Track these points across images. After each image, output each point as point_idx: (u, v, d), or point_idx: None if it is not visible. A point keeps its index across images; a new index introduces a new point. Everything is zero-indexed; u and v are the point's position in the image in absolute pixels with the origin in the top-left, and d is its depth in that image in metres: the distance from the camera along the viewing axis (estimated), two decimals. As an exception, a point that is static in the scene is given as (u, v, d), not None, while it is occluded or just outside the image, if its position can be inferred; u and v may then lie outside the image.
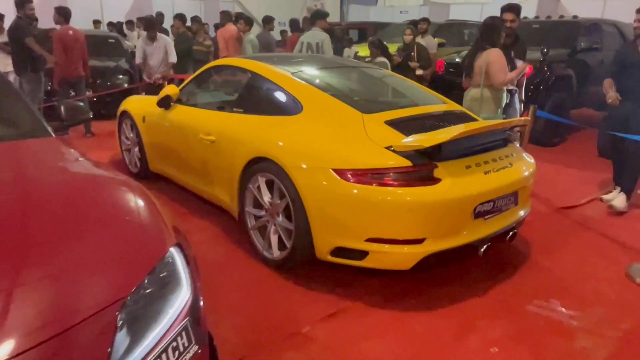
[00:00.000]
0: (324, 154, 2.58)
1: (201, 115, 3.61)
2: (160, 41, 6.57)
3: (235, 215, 3.20)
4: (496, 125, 2.78)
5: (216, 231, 3.45)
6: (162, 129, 4.00)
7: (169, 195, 4.16)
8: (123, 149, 4.83)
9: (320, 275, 2.83)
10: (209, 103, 3.82)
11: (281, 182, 2.71)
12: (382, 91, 3.58)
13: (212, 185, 3.47)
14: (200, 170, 3.57)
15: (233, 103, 3.47)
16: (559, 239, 3.47)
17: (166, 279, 1.60)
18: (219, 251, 3.17)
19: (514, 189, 2.75)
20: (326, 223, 2.54)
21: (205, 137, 3.37)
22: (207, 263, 2.99)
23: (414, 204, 2.36)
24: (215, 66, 3.84)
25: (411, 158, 2.44)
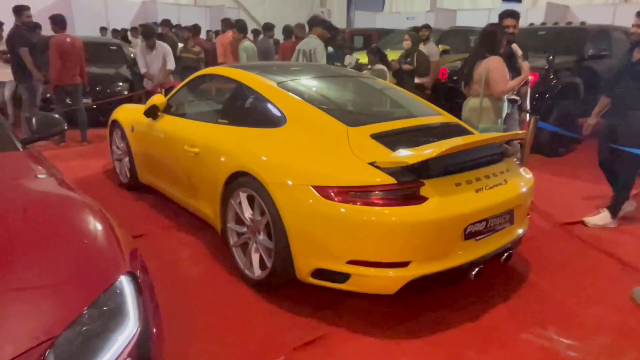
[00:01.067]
0: (305, 170, 2.46)
1: (186, 126, 3.52)
2: (159, 49, 6.50)
3: (219, 230, 3.08)
4: (490, 140, 2.63)
5: (200, 247, 3.35)
6: (150, 140, 3.92)
7: (157, 208, 4.07)
8: (114, 159, 4.77)
9: (303, 296, 2.71)
10: (195, 113, 3.73)
11: (261, 198, 2.60)
12: (373, 102, 3.46)
13: (197, 199, 3.38)
14: (185, 183, 3.48)
15: (218, 114, 3.37)
16: (560, 258, 3.29)
17: (111, 311, 1.45)
18: (201, 269, 3.06)
19: (508, 207, 2.61)
20: (306, 243, 2.42)
21: (190, 149, 3.27)
22: (187, 281, 2.88)
23: (398, 225, 2.23)
24: (203, 75, 3.74)
25: (396, 175, 2.31)
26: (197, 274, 2.99)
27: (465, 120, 4.21)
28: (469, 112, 4.17)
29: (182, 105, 3.86)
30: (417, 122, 2.94)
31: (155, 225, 3.72)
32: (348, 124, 2.68)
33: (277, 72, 3.48)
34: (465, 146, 2.44)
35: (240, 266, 2.90)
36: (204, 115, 3.63)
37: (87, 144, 6.40)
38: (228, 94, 3.41)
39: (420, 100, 3.47)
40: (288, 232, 2.46)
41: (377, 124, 2.76)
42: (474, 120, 4.10)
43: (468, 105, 4.20)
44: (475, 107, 4.09)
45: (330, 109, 2.91)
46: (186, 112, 3.81)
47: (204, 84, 3.85)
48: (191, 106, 3.84)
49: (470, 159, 2.56)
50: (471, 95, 4.19)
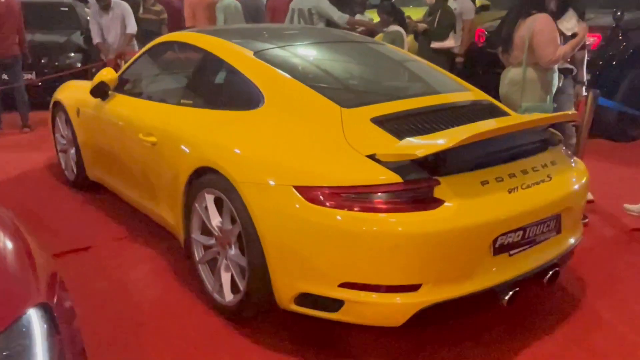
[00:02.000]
0: (285, 165, 2.41)
1: (142, 109, 3.50)
2: (116, 10, 6.45)
3: (182, 242, 3.04)
4: (529, 123, 2.55)
5: (160, 264, 3.32)
6: (98, 126, 3.91)
7: (110, 212, 4.06)
8: (58, 150, 4.78)
9: (286, 328, 2.66)
10: (152, 92, 3.71)
11: (231, 202, 2.55)
12: (380, 76, 3.38)
13: (155, 202, 3.35)
14: (141, 182, 3.45)
15: (181, 93, 3.34)
16: (627, 276, 3.18)
17: (11, 357, 1.39)
18: (158, 292, 3.03)
19: (554, 211, 2.53)
20: (287, 260, 2.37)
21: (145, 138, 3.25)
22: (138, 309, 2.85)
23: (405, 237, 2.16)
24: (162, 43, 3.68)
25: (402, 172, 2.24)
26: (153, 299, 2.95)
27: (503, 97, 4.10)
28: (509, 86, 4.06)
29: (138, 82, 3.84)
30: (435, 100, 2.86)
31: (106, 234, 3.70)
32: (343, 105, 2.62)
33: (257, 38, 3.43)
34: (494, 132, 2.35)
35: (207, 289, 2.85)
36: (163, 94, 3.59)
37: (28, 131, 6.41)
38: (193, 67, 3.34)
39: (441, 73, 3.39)
40: (264, 245, 2.40)
41: (382, 104, 2.69)
42: (514, 96, 3.99)
43: (507, 77, 4.09)
44: (517, 80, 3.99)
45: (321, 86, 2.85)
46: (142, 90, 3.79)
47: (164, 55, 3.79)
48: (148, 83, 3.81)
49: (503, 149, 2.48)
50: (511, 65, 4.08)
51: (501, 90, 4.16)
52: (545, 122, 2.70)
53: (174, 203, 3.05)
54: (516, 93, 4.02)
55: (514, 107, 3.99)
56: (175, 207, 3.06)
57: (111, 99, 3.81)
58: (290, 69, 2.95)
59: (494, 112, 2.94)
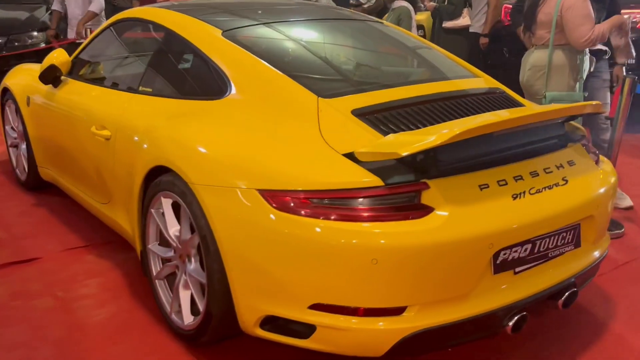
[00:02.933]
0: (248, 166, 2.38)
1: (96, 98, 3.51)
2: None
3: (138, 253, 3.04)
4: (540, 116, 2.49)
5: (114, 278, 3.31)
6: (49, 117, 3.91)
7: (64, 218, 4.06)
8: (8, 145, 4.80)
9: (258, 356, 2.63)
10: (109, 78, 3.70)
11: (188, 207, 2.52)
12: (370, 60, 3.35)
13: (110, 207, 3.35)
14: (95, 183, 3.46)
15: (140, 79, 3.30)
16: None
17: None
18: (109, 312, 3.01)
19: (571, 220, 2.49)
20: (250, 277, 2.34)
21: (98, 132, 3.26)
22: (84, 332, 2.82)
23: (384, 251, 2.11)
24: (121, 20, 3.68)
25: (383, 173, 2.20)
26: (102, 321, 2.93)
27: (524, 85, 4.05)
28: (531, 72, 4.01)
29: (93, 66, 3.82)
30: (433, 89, 2.81)
31: (56, 244, 3.71)
32: (321, 94, 2.59)
33: (235, 14, 3.41)
34: (497, 126, 2.29)
35: (165, 309, 2.83)
36: (120, 80, 3.58)
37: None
38: (154, 49, 3.32)
39: (446, 56, 3.34)
40: (225, 259, 2.37)
41: (367, 94, 2.66)
42: (537, 84, 3.94)
43: (529, 60, 4.04)
44: (540, 64, 3.94)
45: (299, 71, 2.82)
46: (98, 76, 3.78)
47: (124, 34, 3.77)
48: (105, 67, 3.79)
49: (508, 146, 2.43)
50: (534, 46, 4.02)
51: (522, 77, 4.11)
52: (563, 114, 2.63)
53: (130, 207, 3.04)
54: (539, 80, 3.98)
55: (536, 97, 3.95)
56: (131, 212, 3.05)
57: (63, 85, 3.82)
58: (263, 52, 2.93)
59: (505, 102, 2.89)
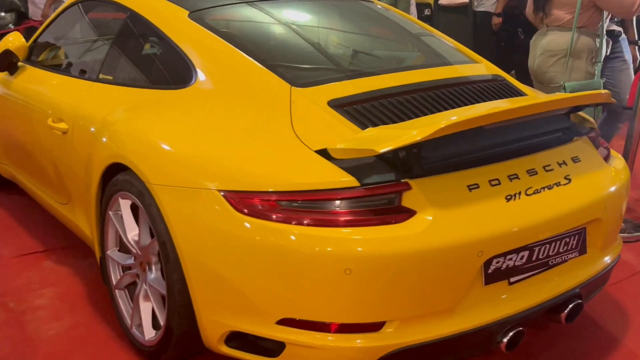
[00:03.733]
0: (211, 164, 2.35)
1: (53, 87, 3.48)
2: None
3: (97, 259, 3.03)
4: (541, 106, 2.42)
5: (72, 288, 3.30)
6: (4, 108, 3.91)
7: (20, 219, 4.05)
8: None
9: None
10: (68, 65, 3.67)
11: (146, 210, 2.50)
12: (355, 45, 3.29)
13: (70, 207, 3.34)
14: (54, 181, 3.45)
15: (100, 65, 3.28)
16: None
17: None
18: (64, 326, 2.98)
19: (575, 224, 2.46)
20: (213, 289, 2.31)
21: (55, 125, 3.23)
22: (39, 348, 2.80)
23: (360, 260, 2.08)
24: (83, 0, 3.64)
25: (360, 172, 2.16)
26: (56, 335, 2.90)
27: (535, 69, 4.00)
28: (544, 56, 3.95)
29: (53, 52, 3.80)
30: (424, 76, 2.78)
31: (11, 248, 3.68)
32: (295, 83, 2.56)
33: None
34: (490, 119, 2.22)
35: (125, 322, 2.82)
36: (80, 67, 3.56)
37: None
38: (116, 32, 3.29)
39: (443, 40, 3.31)
40: (185, 269, 2.34)
41: (347, 82, 2.63)
42: (551, 71, 3.88)
43: (540, 44, 3.97)
44: (555, 48, 3.88)
45: (273, 58, 2.80)
46: (57, 62, 3.77)
47: (86, 15, 3.75)
48: (65, 53, 3.76)
49: (503, 141, 2.40)
50: (549, 27, 3.95)
51: (531, 63, 4.06)
52: (569, 104, 2.58)
53: (88, 210, 3.03)
54: (554, 67, 3.92)
55: (550, 86, 3.90)
56: (89, 215, 3.04)
57: (20, 72, 3.79)
58: (233, 35, 2.91)
59: (504, 91, 2.85)
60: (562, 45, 3.86)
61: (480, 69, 3.03)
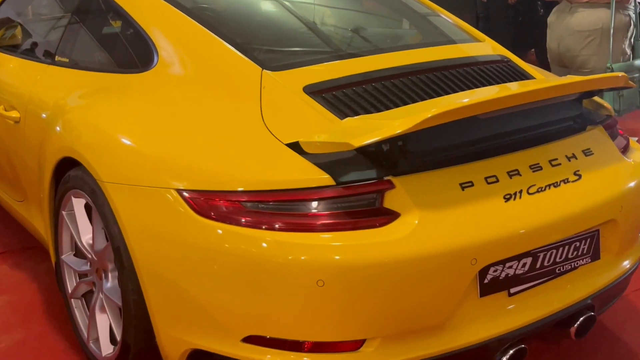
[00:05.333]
0: (168, 160, 2.27)
1: (5, 71, 3.45)
2: None
3: (53, 264, 2.98)
4: (550, 91, 2.32)
5: (26, 295, 3.25)
6: None
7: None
8: None
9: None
10: (24, 45, 3.60)
11: (99, 210, 2.44)
12: (341, 22, 3.22)
13: (25, 205, 3.31)
14: (8, 176, 3.43)
15: (55, 46, 3.23)
16: None
17: None
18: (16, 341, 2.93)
19: (586, 226, 2.37)
20: (172, 301, 2.24)
21: (6, 114, 3.21)
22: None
23: (334, 270, 2.00)
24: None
25: (336, 169, 2.08)
26: (5, 350, 2.86)
27: (562, 52, 3.89)
28: (575, 37, 3.83)
29: (9, 31, 3.71)
30: (417, 57, 2.70)
31: None
32: (267, 66, 2.49)
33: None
34: (486, 107, 2.12)
35: (82, 335, 2.77)
36: (36, 48, 3.49)
37: None
38: (74, 8, 3.26)
39: (441, 15, 3.22)
40: (141, 278, 2.28)
41: (327, 65, 2.57)
42: (584, 52, 3.76)
43: (569, 24, 3.85)
44: (590, 28, 3.76)
45: (242, 38, 2.72)
46: (12, 42, 3.67)
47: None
48: (22, 32, 3.67)
49: (501, 132, 2.31)
50: (573, 3, 3.83)
51: (553, 45, 3.95)
52: (584, 88, 2.48)
53: (42, 209, 2.98)
54: (587, 49, 3.80)
55: (582, 71, 3.82)
56: (43, 215, 2.99)
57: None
58: (202, 12, 2.84)
59: (509, 73, 2.75)
60: (595, 24, 3.76)
61: (482, 48, 2.95)
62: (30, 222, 3.24)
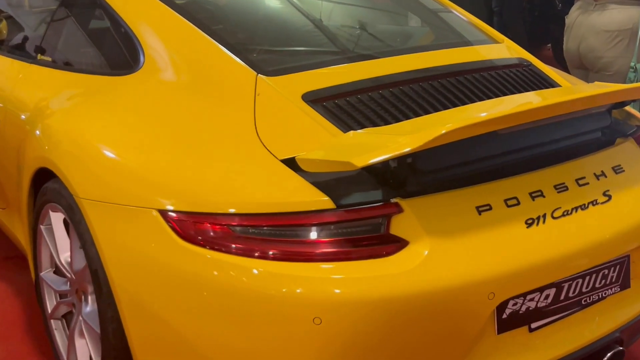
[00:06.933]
0: (149, 176, 2.10)
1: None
2: None
3: (33, 280, 2.84)
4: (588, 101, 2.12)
5: (10, 311, 3.15)
6: None
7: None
8: None
9: None
10: (7, 42, 3.51)
11: (75, 228, 2.28)
12: (348, 21, 3.06)
13: (8, 213, 3.19)
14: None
15: (39, 44, 3.11)
16: None
17: None
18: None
19: (616, 253, 2.20)
20: (152, 333, 2.08)
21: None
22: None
23: (333, 307, 1.83)
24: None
25: (336, 190, 1.91)
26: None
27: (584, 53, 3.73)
28: (602, 37, 3.66)
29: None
30: (429, 60, 2.53)
31: None
32: (262, 70, 2.32)
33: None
34: (509, 121, 1.92)
35: (61, 358, 2.63)
36: (19, 45, 3.38)
37: None
38: (59, 4, 3.12)
39: (456, 12, 3.05)
40: (120, 306, 2.12)
41: (330, 69, 2.39)
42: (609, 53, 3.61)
43: (596, 23, 3.69)
44: (620, 28, 3.59)
45: (238, 39, 2.60)
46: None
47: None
48: (4, 26, 3.53)
49: (522, 147, 2.12)
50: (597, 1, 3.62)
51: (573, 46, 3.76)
52: (619, 98, 2.27)
53: (22, 220, 2.86)
54: (613, 50, 3.61)
55: (605, 74, 3.65)
56: (23, 227, 2.86)
57: None
58: (195, 10, 2.68)
59: (532, 80, 2.57)
60: (625, 23, 3.60)
61: (501, 50, 2.79)
62: (12, 232, 3.13)
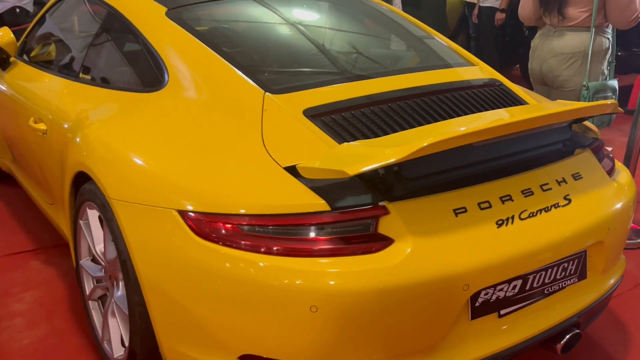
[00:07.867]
0: (171, 180, 1.96)
1: (37, 85, 3.16)
2: None
3: (74, 267, 2.69)
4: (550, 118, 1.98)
5: (54, 292, 2.94)
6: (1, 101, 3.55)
7: (16, 215, 3.74)
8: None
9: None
10: (53, 62, 3.31)
11: (107, 224, 2.15)
12: (344, 45, 2.87)
13: (55, 209, 3.02)
14: (40, 180, 3.13)
15: (80, 63, 2.93)
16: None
17: None
18: (39, 337, 2.62)
19: (575, 249, 2.05)
20: (172, 316, 1.95)
21: (35, 126, 2.91)
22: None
23: (328, 297, 1.70)
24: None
25: (331, 194, 1.78)
26: (28, 346, 2.56)
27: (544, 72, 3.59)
28: (558, 59, 3.54)
29: (43, 48, 3.44)
30: (414, 81, 2.36)
31: (3, 245, 3.37)
32: (269, 88, 2.17)
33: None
34: (483, 135, 1.81)
35: (97, 335, 2.49)
36: (63, 65, 3.20)
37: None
38: (97, 28, 2.94)
39: (434, 37, 2.88)
40: (144, 293, 2.00)
41: (327, 88, 2.23)
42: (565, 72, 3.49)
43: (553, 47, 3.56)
44: (572, 50, 3.47)
45: (249, 60, 2.43)
46: (45, 58, 3.41)
47: (73, 10, 3.37)
48: (53, 49, 3.38)
49: (494, 157, 1.98)
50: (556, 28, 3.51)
51: (536, 67, 3.63)
52: (579, 114, 2.14)
53: (65, 216, 2.72)
54: (568, 70, 3.49)
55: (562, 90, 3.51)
56: (66, 221, 2.73)
57: (12, 68, 3.48)
58: (211, 35, 2.51)
59: (502, 98, 2.42)
60: (578, 46, 3.45)
61: (475, 72, 2.61)
62: (58, 225, 2.98)
